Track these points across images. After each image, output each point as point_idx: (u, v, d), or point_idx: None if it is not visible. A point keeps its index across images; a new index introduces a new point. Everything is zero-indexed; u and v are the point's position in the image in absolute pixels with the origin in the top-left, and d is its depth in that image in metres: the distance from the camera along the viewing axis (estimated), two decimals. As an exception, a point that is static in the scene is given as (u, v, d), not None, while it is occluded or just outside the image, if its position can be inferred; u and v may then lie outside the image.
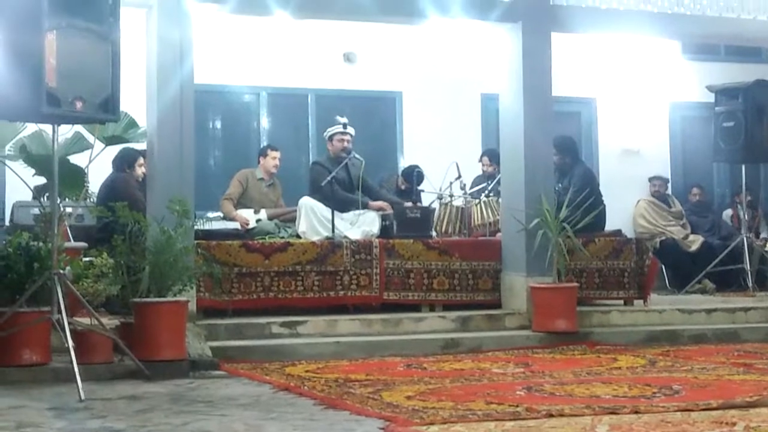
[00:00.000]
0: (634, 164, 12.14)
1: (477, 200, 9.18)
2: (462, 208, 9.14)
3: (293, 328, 7.55)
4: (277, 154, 9.66)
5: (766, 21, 9.16)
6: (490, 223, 9.00)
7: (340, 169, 8.79)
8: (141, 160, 8.66)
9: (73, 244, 7.47)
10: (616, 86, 12.26)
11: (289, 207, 9.33)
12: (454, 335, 7.75)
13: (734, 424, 4.31)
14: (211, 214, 9.04)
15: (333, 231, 8.35)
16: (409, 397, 5.18)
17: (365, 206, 8.78)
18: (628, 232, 10.55)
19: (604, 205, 9.19)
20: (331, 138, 9.06)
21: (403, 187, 10.11)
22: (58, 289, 5.84)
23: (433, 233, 8.87)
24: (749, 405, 4.81)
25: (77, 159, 7.56)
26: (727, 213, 12.17)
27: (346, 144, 8.97)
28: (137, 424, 4.62)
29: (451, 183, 9.24)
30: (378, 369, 6.47)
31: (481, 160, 10.41)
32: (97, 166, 7.89)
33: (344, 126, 9.01)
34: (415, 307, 8.27)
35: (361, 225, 8.62)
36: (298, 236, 8.49)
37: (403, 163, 11.28)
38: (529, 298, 8.07)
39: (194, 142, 7.71)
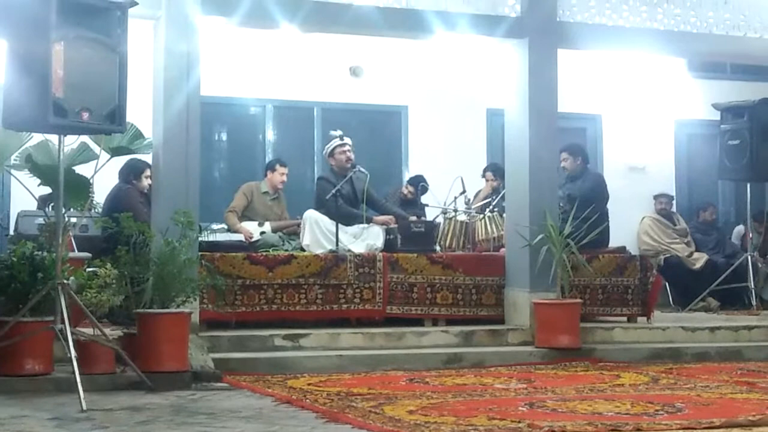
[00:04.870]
0: (640, 181, 12.14)
1: (481, 215, 9.18)
2: (466, 222, 9.13)
3: (296, 340, 7.55)
4: (285, 170, 9.65)
5: (772, 40, 9.19)
6: (494, 238, 9.00)
7: (344, 183, 8.79)
8: (148, 172, 8.65)
9: (77, 254, 7.47)
10: (621, 103, 12.27)
11: (293, 219, 9.34)
12: (457, 350, 7.74)
13: (737, 442, 4.32)
14: (215, 226, 9.03)
15: (337, 244, 8.36)
16: (411, 412, 5.17)
17: (369, 221, 8.78)
18: (633, 249, 10.54)
19: (609, 221, 9.17)
20: (332, 153, 9.05)
21: (408, 195, 10.10)
22: (61, 299, 5.84)
23: (437, 248, 8.87)
24: (752, 424, 4.80)
25: (83, 169, 7.55)
26: (739, 230, 12.12)
27: (348, 154, 8.97)
28: (139, 435, 4.63)
29: (455, 197, 9.24)
30: (380, 383, 6.46)
31: (484, 175, 10.41)
32: (103, 176, 7.88)
33: (341, 137, 9.02)
34: (417, 322, 8.26)
35: (365, 239, 8.62)
36: (302, 249, 8.49)
37: (408, 177, 11.27)
38: (532, 313, 8.05)
39: (200, 153, 7.74)
